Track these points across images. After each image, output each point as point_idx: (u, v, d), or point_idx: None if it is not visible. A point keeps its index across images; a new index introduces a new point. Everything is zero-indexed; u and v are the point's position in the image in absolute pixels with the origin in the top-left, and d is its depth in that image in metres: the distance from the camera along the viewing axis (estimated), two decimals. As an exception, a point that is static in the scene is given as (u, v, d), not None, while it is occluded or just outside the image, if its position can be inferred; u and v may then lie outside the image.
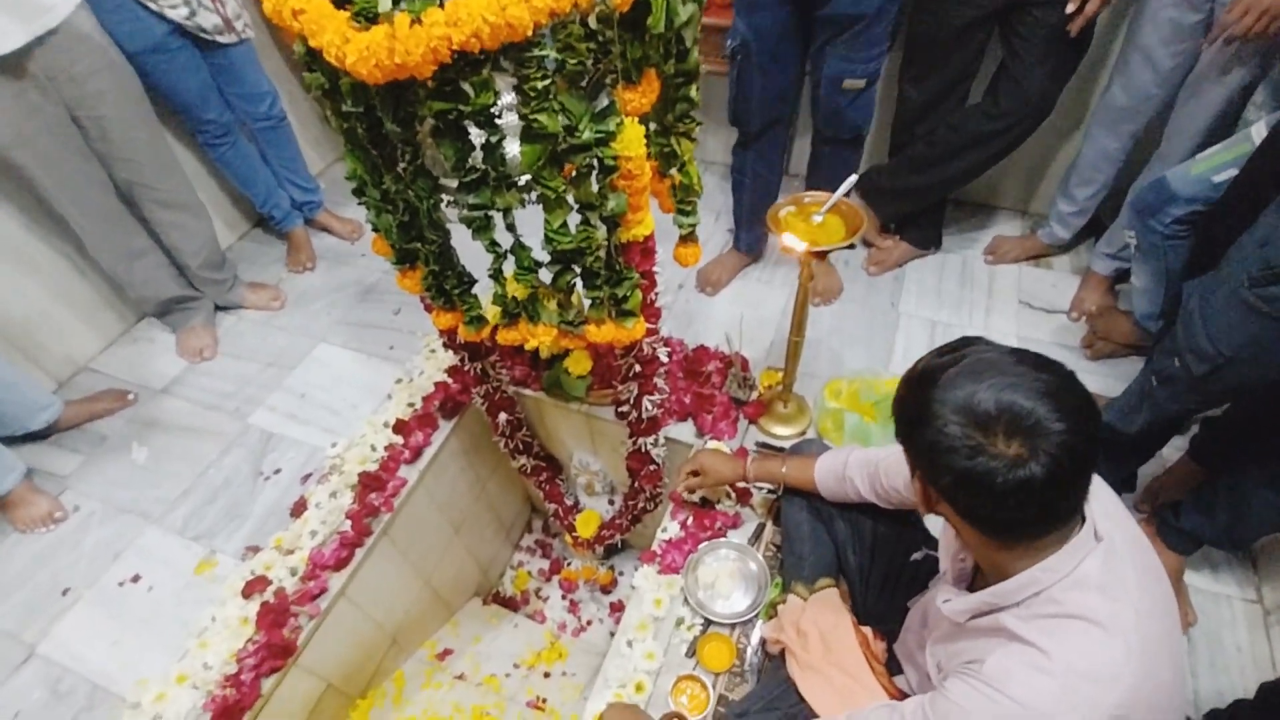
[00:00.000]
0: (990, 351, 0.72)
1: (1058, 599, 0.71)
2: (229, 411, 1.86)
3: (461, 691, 1.81)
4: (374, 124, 0.84)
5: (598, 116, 0.83)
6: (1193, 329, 1.05)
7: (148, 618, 1.48)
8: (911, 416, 0.73)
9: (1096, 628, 0.69)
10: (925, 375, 0.73)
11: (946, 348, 0.76)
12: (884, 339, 1.92)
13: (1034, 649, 0.70)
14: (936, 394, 0.70)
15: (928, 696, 0.77)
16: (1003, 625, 0.74)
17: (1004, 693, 0.69)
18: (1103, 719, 0.66)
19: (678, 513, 1.52)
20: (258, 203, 2.19)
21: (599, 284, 1.01)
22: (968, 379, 0.69)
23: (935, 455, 0.69)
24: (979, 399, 0.67)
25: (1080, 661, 0.68)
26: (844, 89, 1.60)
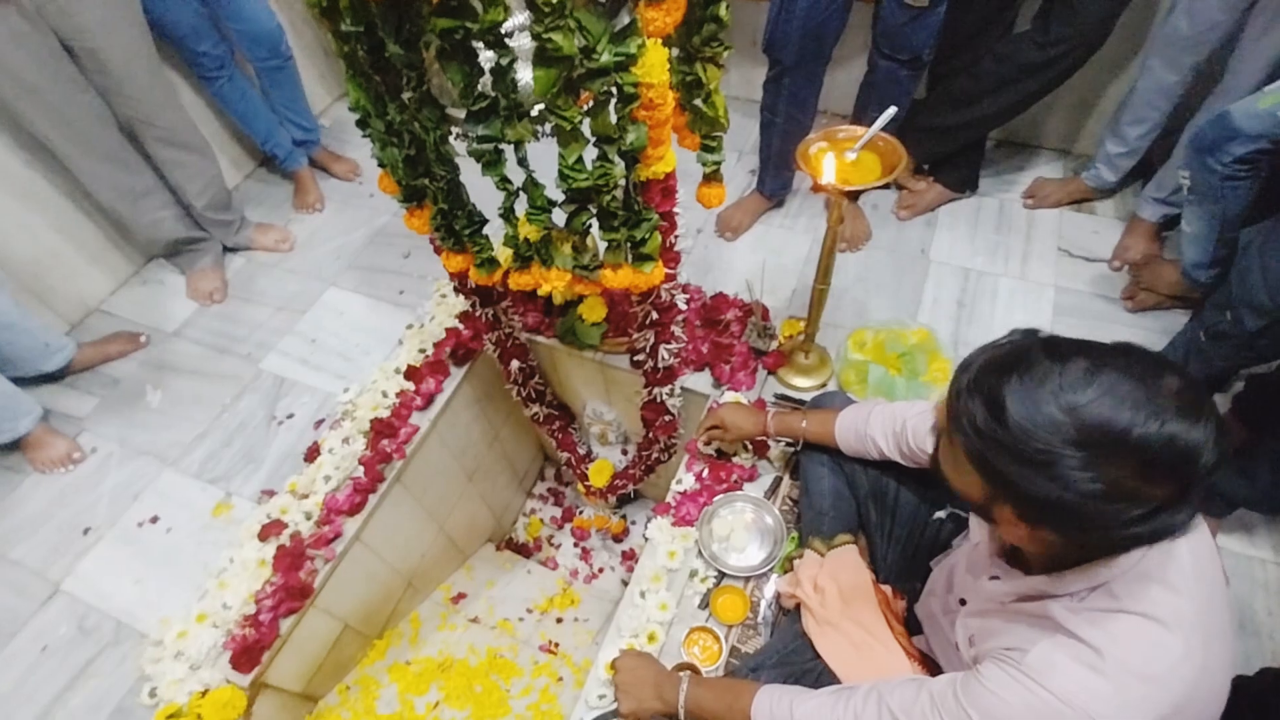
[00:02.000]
0: (1096, 355, 0.59)
1: (1117, 593, 0.66)
2: (241, 356, 1.84)
3: (476, 633, 1.84)
4: (376, 46, 0.77)
5: (617, 37, 0.75)
6: (1250, 281, 0.97)
7: (167, 558, 1.50)
8: (1004, 457, 0.60)
9: (1156, 625, 0.64)
10: (1014, 393, 0.59)
11: (1017, 350, 0.62)
12: (913, 288, 1.84)
13: (1083, 645, 0.65)
14: (1043, 423, 0.57)
15: (959, 678, 0.73)
16: (1050, 614, 0.69)
17: (1046, 687, 0.65)
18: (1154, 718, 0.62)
19: (693, 464, 1.49)
20: (259, 141, 2.13)
21: (616, 225, 0.95)
22: (1100, 395, 0.56)
23: (1063, 512, 0.59)
24: (1135, 433, 0.55)
25: (1136, 661, 0.63)
26: (906, 3, 1.48)
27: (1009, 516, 0.65)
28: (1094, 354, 0.60)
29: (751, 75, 2.36)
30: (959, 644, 0.86)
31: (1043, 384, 0.59)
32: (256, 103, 2.06)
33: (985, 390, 0.61)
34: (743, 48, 2.30)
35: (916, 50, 1.57)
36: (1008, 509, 0.65)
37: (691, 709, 0.97)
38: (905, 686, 0.78)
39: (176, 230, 1.91)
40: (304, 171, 2.22)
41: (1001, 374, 0.61)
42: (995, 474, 0.62)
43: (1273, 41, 1.43)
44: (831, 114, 2.34)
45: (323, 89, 2.56)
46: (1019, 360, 0.61)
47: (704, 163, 1.08)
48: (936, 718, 0.72)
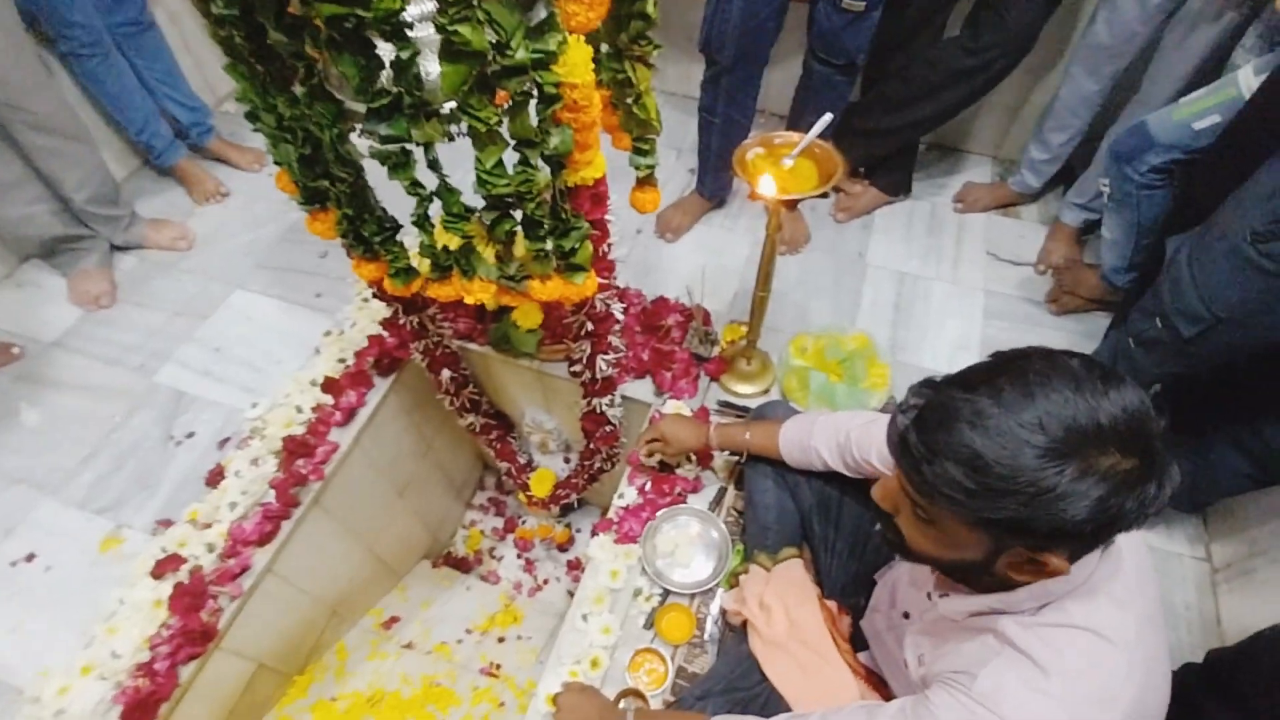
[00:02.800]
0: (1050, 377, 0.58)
1: (1067, 609, 0.65)
2: (133, 367, 1.67)
3: (410, 661, 1.74)
4: (255, 31, 0.67)
5: (534, 32, 0.68)
6: (1182, 289, 0.99)
7: (48, 601, 1.33)
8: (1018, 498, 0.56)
9: (1101, 641, 0.64)
10: None
11: (941, 410, 0.60)
12: (851, 291, 1.83)
13: (1031, 664, 0.64)
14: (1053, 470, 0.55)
15: (909, 703, 0.71)
16: (1000, 630, 0.68)
17: (996, 712, 0.64)
18: None
19: (635, 477, 1.44)
20: (132, 130, 1.90)
21: (542, 234, 0.88)
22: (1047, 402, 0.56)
23: (1076, 526, 0.56)
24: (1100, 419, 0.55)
25: (1080, 682, 0.63)
26: (843, 7, 1.45)
27: (1020, 557, 0.62)
28: (1003, 372, 0.59)
29: (690, 70, 2.31)
30: (908, 662, 0.84)
31: (992, 418, 0.57)
32: (132, 88, 1.85)
33: (949, 451, 0.58)
34: (679, 43, 2.24)
35: (851, 55, 1.56)
36: (1018, 551, 0.62)
37: None
38: (855, 715, 0.76)
39: (53, 227, 1.70)
40: (186, 164, 2.01)
41: (949, 428, 0.59)
42: (1001, 524, 0.59)
43: (1188, 54, 1.47)
44: (770, 114, 2.32)
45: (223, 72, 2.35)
46: (953, 410, 0.59)
47: (637, 166, 1.02)
48: None
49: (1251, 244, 0.89)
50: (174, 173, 2.02)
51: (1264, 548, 1.30)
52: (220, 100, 2.33)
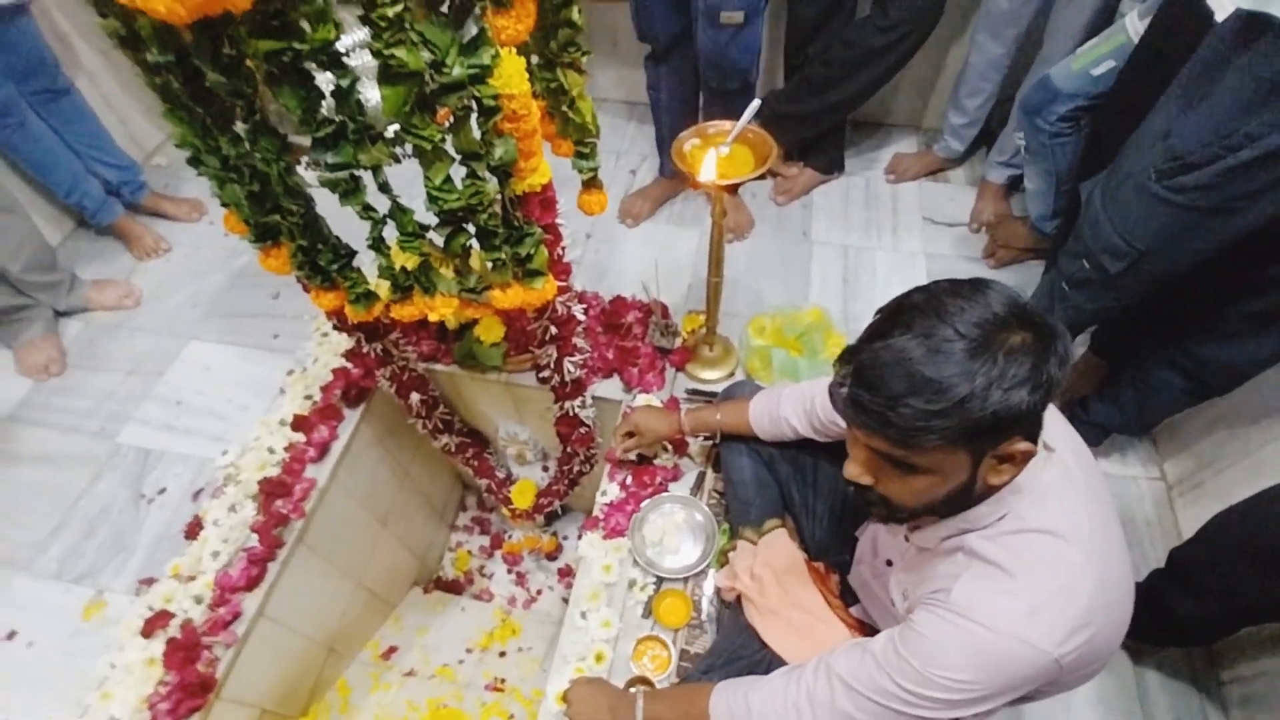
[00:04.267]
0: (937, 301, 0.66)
1: (1022, 515, 0.71)
2: (92, 432, 1.63)
3: (414, 688, 1.73)
4: (192, 74, 0.68)
5: (468, 48, 0.71)
6: (1100, 229, 1.07)
7: (34, 677, 1.30)
8: (981, 399, 0.62)
9: (1057, 539, 0.70)
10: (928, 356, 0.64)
11: (892, 325, 0.67)
12: (800, 270, 1.90)
13: (997, 569, 0.70)
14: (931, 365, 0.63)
15: (896, 631, 0.76)
16: (968, 545, 0.74)
17: (972, 619, 0.69)
18: (1070, 629, 0.67)
19: (615, 473, 1.47)
20: (60, 193, 1.86)
21: (497, 244, 0.90)
22: (957, 308, 0.64)
23: (1005, 412, 0.63)
24: (1001, 309, 0.64)
25: (1043, 578, 0.68)
26: (722, 23, 1.51)
27: (994, 459, 0.68)
28: (902, 313, 0.68)
29: (622, 76, 2.37)
30: (895, 601, 0.89)
31: (918, 346, 0.64)
32: (55, 151, 1.81)
33: (903, 389, 0.64)
34: (607, 49, 2.30)
35: (743, 71, 1.62)
36: (990, 456, 0.68)
37: (649, 716, 0.95)
38: (849, 652, 0.80)
39: (-9, 300, 1.66)
40: (124, 221, 1.98)
41: (893, 371, 0.65)
42: (972, 432, 0.65)
43: (1081, 7, 1.58)
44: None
45: (151, 125, 2.31)
46: (884, 358, 0.66)
47: (580, 169, 1.06)
48: (882, 675, 0.74)
49: (1156, 181, 0.97)
50: (112, 231, 1.98)
51: (1210, 460, 1.40)
52: (149, 155, 2.29)
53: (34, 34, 1.66)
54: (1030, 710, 1.21)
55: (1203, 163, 0.91)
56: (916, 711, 0.73)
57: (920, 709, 0.72)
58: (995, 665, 0.68)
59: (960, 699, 0.70)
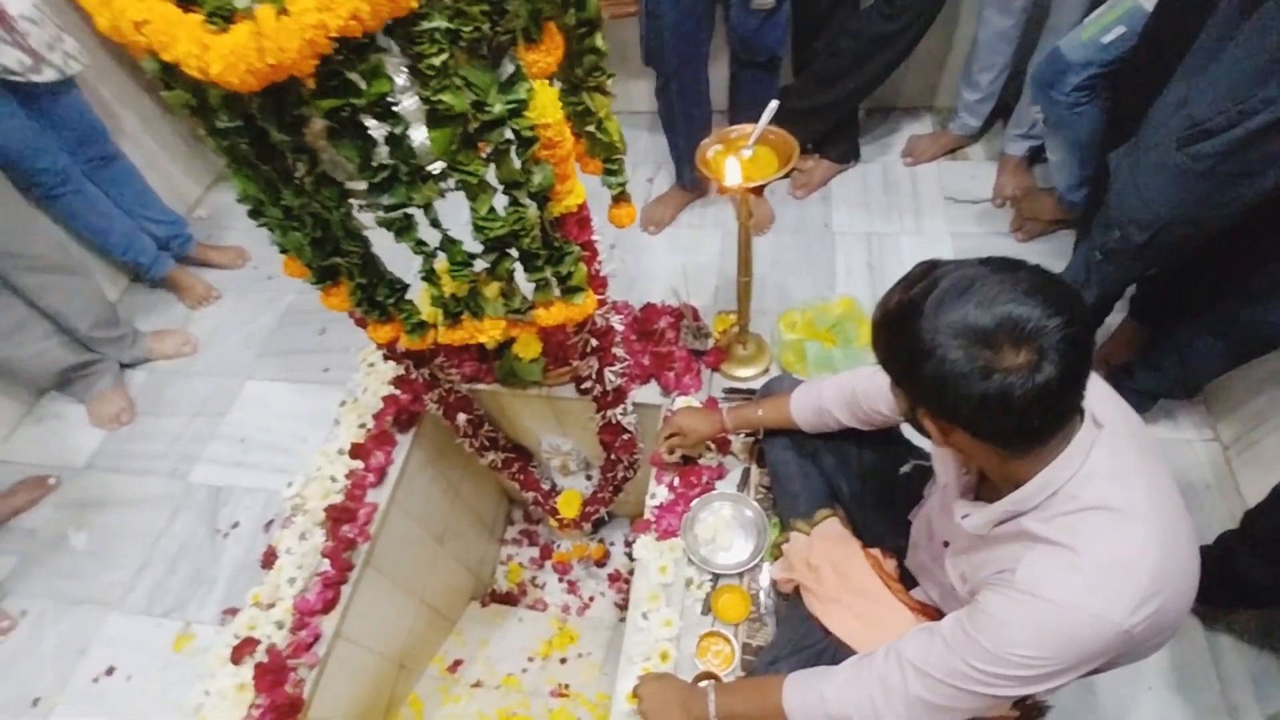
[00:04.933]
0: (957, 268, 0.70)
1: (1075, 494, 0.72)
2: (166, 473, 1.72)
3: (482, 699, 1.78)
4: (258, 136, 0.74)
5: (505, 85, 0.75)
6: (1127, 199, 1.08)
7: (135, 708, 1.38)
8: (904, 356, 0.70)
9: (1116, 515, 0.70)
10: (905, 310, 0.70)
11: (912, 278, 0.73)
12: (825, 262, 1.92)
13: (1061, 548, 0.71)
14: (926, 325, 0.67)
15: (964, 613, 0.77)
16: (1026, 530, 0.74)
17: (1039, 596, 0.70)
18: (1138, 600, 0.68)
19: (661, 476, 1.50)
20: (117, 253, 1.98)
21: (540, 265, 0.95)
22: (953, 301, 0.66)
23: (946, 388, 0.67)
24: (973, 318, 0.65)
25: (1107, 551, 0.69)
26: (753, 9, 1.56)
27: (944, 428, 0.74)
28: (968, 267, 0.70)
29: (628, 88, 2.41)
30: (954, 584, 0.90)
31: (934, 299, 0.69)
32: (110, 214, 1.93)
33: (895, 321, 0.72)
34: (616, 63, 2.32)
35: (771, 50, 1.67)
36: (943, 422, 0.73)
37: (724, 717, 0.97)
38: (917, 638, 0.81)
39: (65, 358, 1.76)
40: (175, 273, 2.09)
41: (909, 303, 0.70)
42: (908, 381, 0.74)
43: (1088, -26, 1.58)
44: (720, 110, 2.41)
45: (190, 179, 2.43)
46: (920, 286, 0.71)
47: (610, 186, 1.10)
48: (953, 656, 0.75)
49: (1178, 150, 0.98)
50: (165, 283, 2.09)
51: (1265, 417, 1.38)
52: (191, 208, 2.41)
53: (83, 106, 1.77)
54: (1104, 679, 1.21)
55: (1221, 129, 0.92)
56: (990, 690, 0.74)
57: (994, 687, 0.74)
58: (1066, 640, 0.69)
59: (1032, 675, 0.71)
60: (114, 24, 0.62)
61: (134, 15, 0.60)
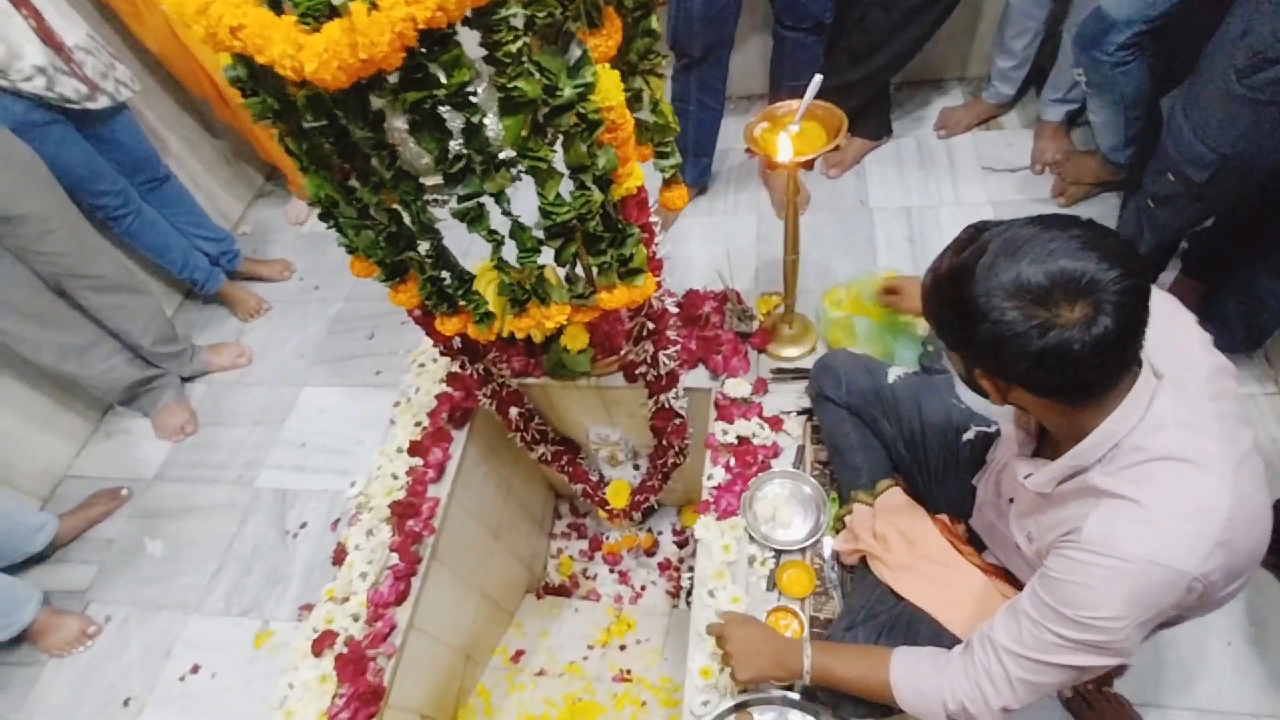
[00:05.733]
0: (1008, 229, 0.70)
1: (1140, 445, 0.71)
2: (232, 481, 1.78)
3: (547, 686, 1.81)
4: (339, 135, 0.77)
5: (573, 70, 0.77)
6: (1184, 140, 1.07)
7: (222, 705, 1.43)
8: (959, 320, 0.71)
9: (1185, 464, 0.69)
10: (956, 274, 0.71)
11: (962, 241, 0.74)
12: (864, 239, 1.92)
13: (1128, 502, 0.70)
14: (979, 288, 0.68)
15: (1036, 583, 0.77)
16: (1091, 485, 0.74)
17: (1109, 554, 0.70)
18: (1209, 549, 0.67)
19: (718, 457, 1.52)
20: (175, 270, 2.05)
21: (603, 248, 0.97)
22: (1005, 262, 0.67)
23: (1003, 347, 0.67)
24: (1027, 276, 0.66)
25: (1176, 502, 0.69)
26: None
27: (1002, 386, 0.74)
28: (1019, 226, 0.71)
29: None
30: (1019, 544, 0.90)
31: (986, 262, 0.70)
32: (167, 233, 2.00)
33: (947, 284, 0.74)
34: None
35: (818, 15, 1.66)
36: (1000, 380, 0.74)
37: (818, 675, 0.96)
38: (1005, 620, 0.81)
39: (131, 374, 1.83)
40: (227, 288, 2.16)
41: (960, 267, 0.72)
42: (964, 343, 0.74)
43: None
44: (736, 98, 2.41)
45: (232, 197, 2.50)
46: (970, 250, 0.72)
47: (662, 169, 1.12)
48: (1040, 630, 0.75)
49: (1238, 81, 0.97)
50: (218, 298, 2.15)
51: (1331, 368, 1.35)
52: (235, 225, 2.47)
53: (137, 129, 1.84)
54: (1179, 635, 1.20)
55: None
56: (1087, 660, 0.73)
57: (1090, 656, 0.73)
58: (1140, 595, 0.69)
59: (1118, 637, 0.71)
60: (210, 30, 0.65)
61: (230, 21, 0.63)
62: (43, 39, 1.53)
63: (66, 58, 1.58)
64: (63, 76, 1.58)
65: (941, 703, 0.85)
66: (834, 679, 0.96)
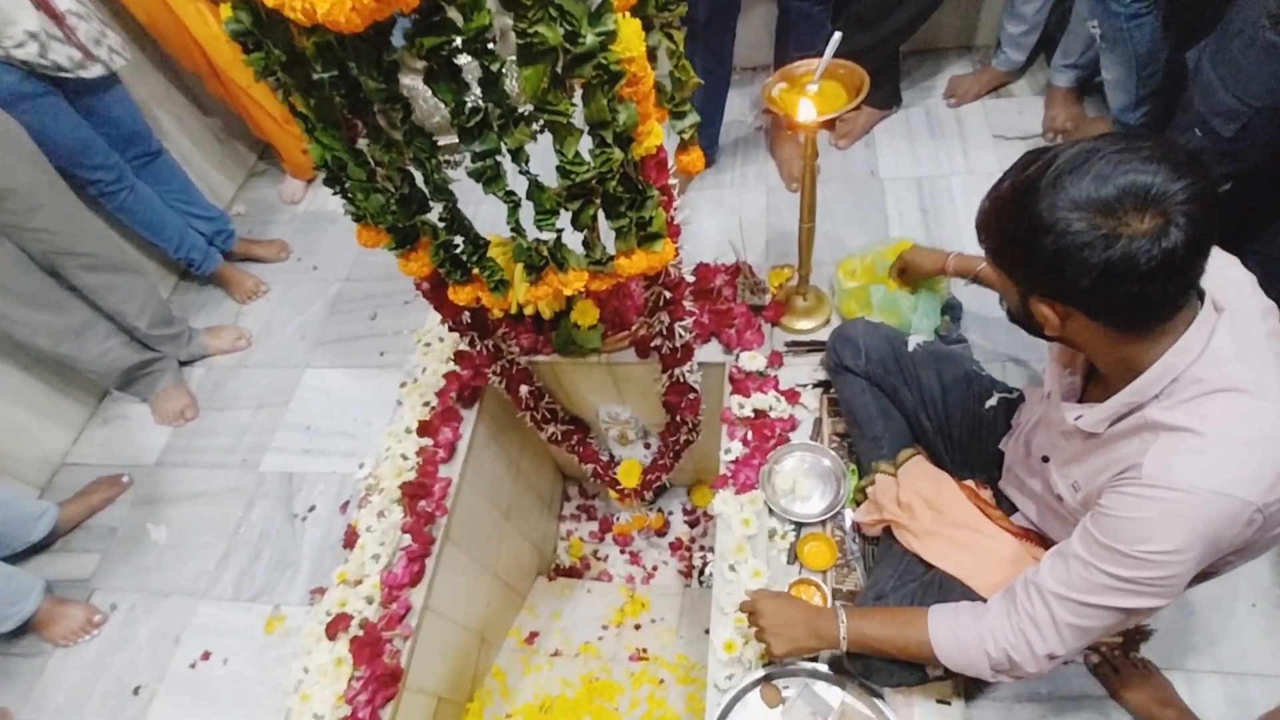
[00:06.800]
0: (1073, 145, 0.68)
1: (1200, 377, 0.70)
2: (237, 465, 1.75)
3: (563, 667, 1.80)
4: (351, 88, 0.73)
5: (594, 17, 0.73)
6: (1211, 92, 1.04)
7: (235, 691, 1.41)
8: (1021, 234, 0.69)
9: (1243, 395, 0.68)
10: (1022, 189, 0.69)
11: (1024, 162, 0.72)
12: (875, 209, 1.88)
13: (1187, 433, 0.69)
14: (1043, 201, 0.66)
15: (1088, 524, 0.76)
16: (1149, 420, 0.73)
17: (1169, 486, 0.68)
18: (1272, 478, 0.66)
19: (734, 432, 1.49)
20: (170, 250, 1.99)
21: (623, 210, 0.93)
22: (1072, 176, 0.65)
23: (1066, 260, 0.66)
24: (1094, 190, 0.64)
25: (1237, 430, 0.67)
26: None
27: (1060, 311, 0.72)
28: (1086, 143, 0.68)
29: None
30: (1063, 496, 0.88)
31: (1052, 175, 0.67)
32: (162, 210, 1.94)
33: (1011, 200, 0.72)
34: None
35: None
36: (1059, 304, 0.72)
37: (855, 640, 0.95)
38: (1052, 564, 0.80)
39: (128, 357, 1.79)
40: (224, 269, 2.10)
41: (1025, 182, 0.70)
42: (1023, 262, 0.72)
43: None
44: (741, 69, 2.36)
45: (224, 177, 2.43)
46: (1035, 166, 0.70)
47: (679, 130, 1.08)
48: (1092, 572, 0.74)
49: (1271, 28, 0.94)
50: (215, 279, 2.10)
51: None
52: (228, 205, 2.42)
53: (129, 101, 1.78)
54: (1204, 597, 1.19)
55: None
56: (1137, 601, 0.72)
57: (1141, 596, 0.72)
58: (1202, 526, 0.68)
59: (1175, 572, 0.70)
60: (215, -28, 0.60)
61: (236, -40, 0.59)
62: (36, 4, 1.47)
63: (60, 22, 1.52)
64: (55, 43, 1.53)
65: (984, 652, 0.83)
66: (870, 643, 0.95)
